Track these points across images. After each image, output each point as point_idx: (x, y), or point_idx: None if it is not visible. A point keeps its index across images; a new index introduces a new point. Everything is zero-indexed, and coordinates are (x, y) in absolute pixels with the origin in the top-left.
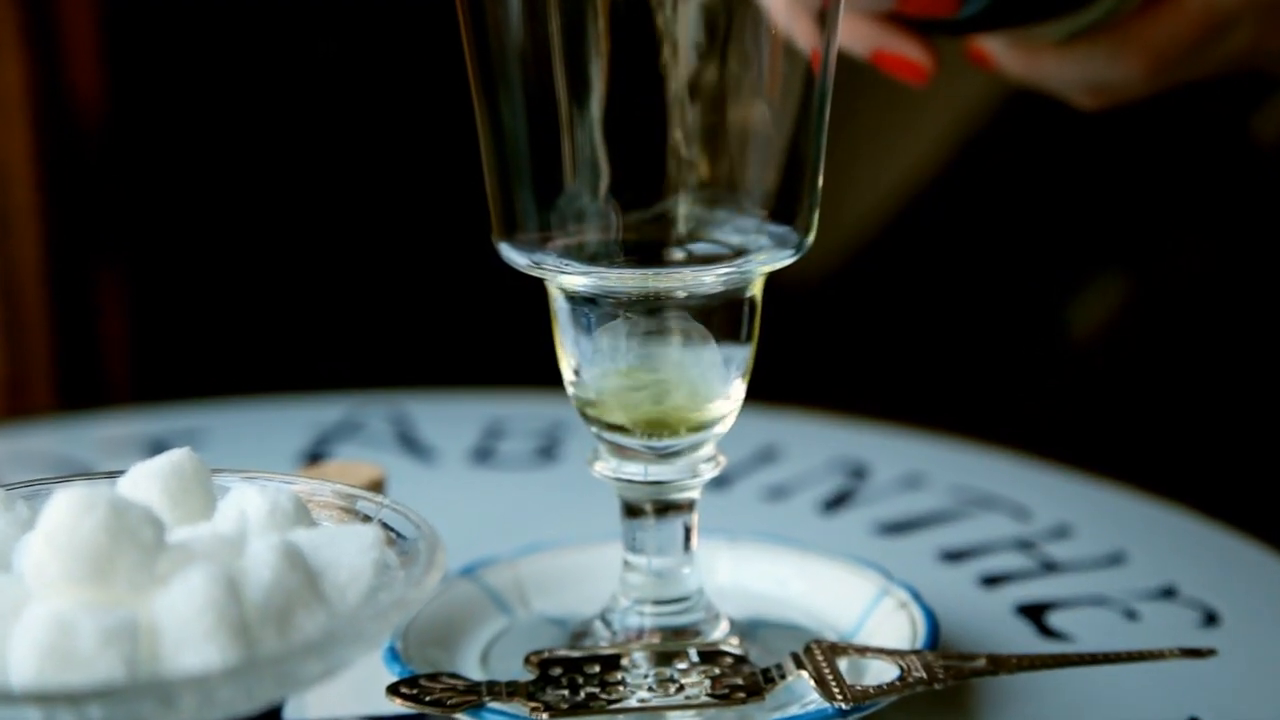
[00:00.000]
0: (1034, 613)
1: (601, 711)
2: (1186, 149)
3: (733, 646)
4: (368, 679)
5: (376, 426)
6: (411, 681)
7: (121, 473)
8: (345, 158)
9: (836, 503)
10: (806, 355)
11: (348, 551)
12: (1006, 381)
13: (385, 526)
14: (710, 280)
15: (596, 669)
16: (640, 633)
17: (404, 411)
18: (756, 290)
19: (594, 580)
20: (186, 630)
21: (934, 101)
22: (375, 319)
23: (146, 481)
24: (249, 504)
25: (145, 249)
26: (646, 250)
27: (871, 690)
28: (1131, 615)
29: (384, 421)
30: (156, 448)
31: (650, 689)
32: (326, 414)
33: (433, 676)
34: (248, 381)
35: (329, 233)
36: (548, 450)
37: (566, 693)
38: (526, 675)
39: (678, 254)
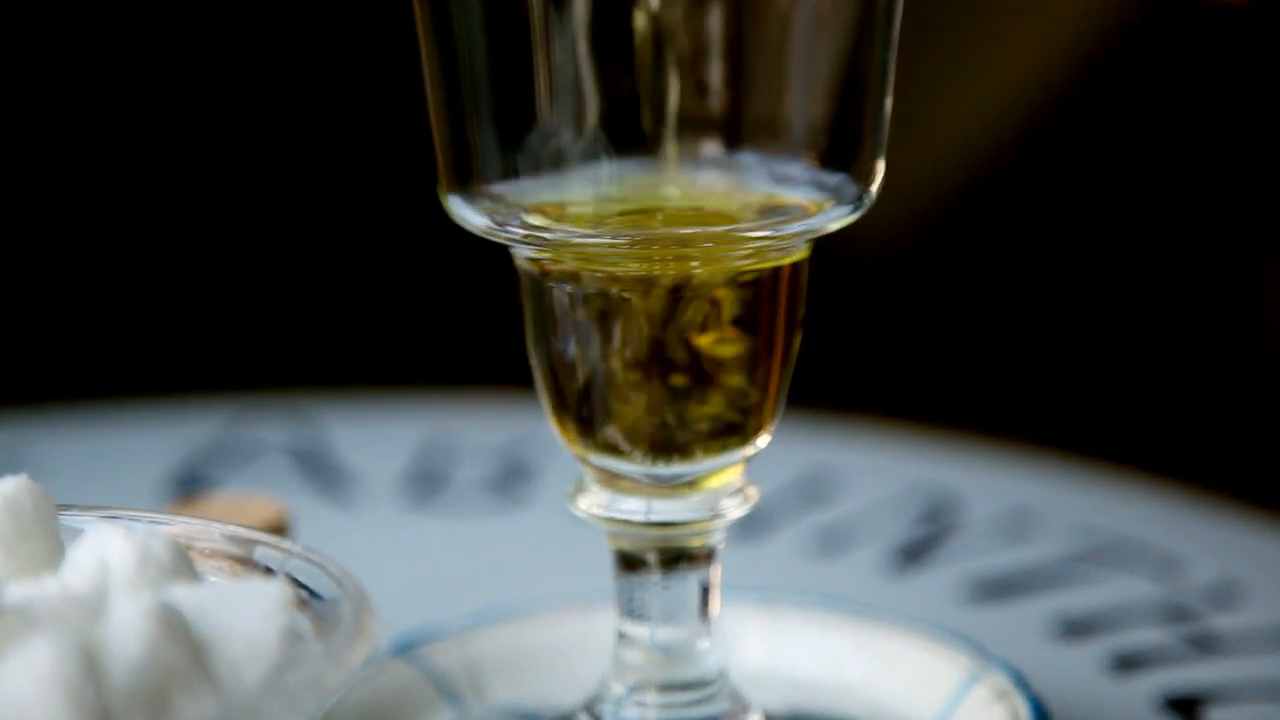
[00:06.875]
0: (1186, 707)
1: None
2: None
3: None
4: None
5: (273, 446)
6: None
7: None
8: (226, 79)
9: (913, 554)
10: (870, 350)
11: (244, 616)
12: (1149, 392)
13: (294, 582)
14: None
15: None
16: None
17: (312, 426)
18: (801, 261)
19: (576, 659)
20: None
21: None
22: (270, 298)
23: None
24: (111, 551)
25: None
26: (650, 206)
27: None
28: None
29: (283, 438)
30: None
31: None
32: (201, 429)
33: None
34: (91, 385)
35: (205, 181)
36: (510, 480)
37: None
38: None
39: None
